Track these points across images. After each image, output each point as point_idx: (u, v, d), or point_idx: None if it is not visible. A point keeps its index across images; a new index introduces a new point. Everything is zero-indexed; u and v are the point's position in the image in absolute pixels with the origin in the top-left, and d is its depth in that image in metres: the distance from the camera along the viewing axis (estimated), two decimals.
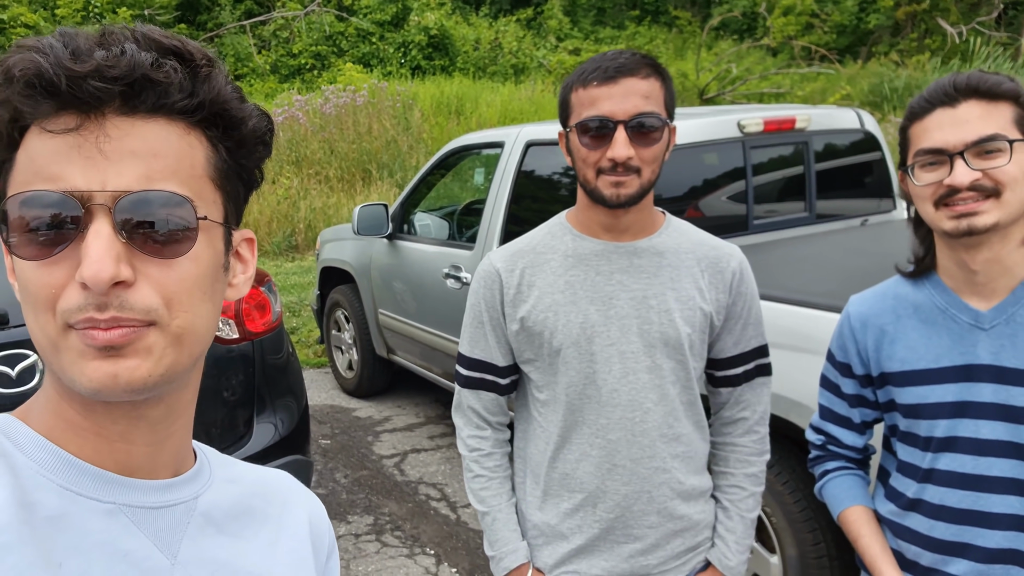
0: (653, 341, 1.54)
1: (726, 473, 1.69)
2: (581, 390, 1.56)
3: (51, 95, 0.61)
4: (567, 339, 1.54)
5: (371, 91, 12.71)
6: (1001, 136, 1.30)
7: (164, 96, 0.64)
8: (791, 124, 3.66)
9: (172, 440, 0.74)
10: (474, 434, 1.69)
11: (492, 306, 1.62)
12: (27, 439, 0.68)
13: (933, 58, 16.64)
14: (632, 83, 1.44)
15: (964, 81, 1.33)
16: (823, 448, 1.65)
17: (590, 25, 21.92)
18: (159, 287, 0.64)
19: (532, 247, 1.62)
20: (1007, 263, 1.38)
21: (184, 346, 0.67)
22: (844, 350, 1.57)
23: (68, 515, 0.65)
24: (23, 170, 0.63)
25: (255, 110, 0.71)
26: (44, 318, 0.63)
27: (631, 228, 1.56)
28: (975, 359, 1.40)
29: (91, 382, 0.62)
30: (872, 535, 1.53)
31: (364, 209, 4.80)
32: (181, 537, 0.73)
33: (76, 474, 0.67)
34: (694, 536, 1.65)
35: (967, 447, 1.41)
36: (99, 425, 0.68)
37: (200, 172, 0.67)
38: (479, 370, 1.66)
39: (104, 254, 0.60)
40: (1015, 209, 1.32)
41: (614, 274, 1.56)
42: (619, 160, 1.43)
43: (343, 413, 5.45)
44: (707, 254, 1.60)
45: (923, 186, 1.36)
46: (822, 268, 3.03)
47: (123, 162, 0.63)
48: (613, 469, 1.57)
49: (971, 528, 1.41)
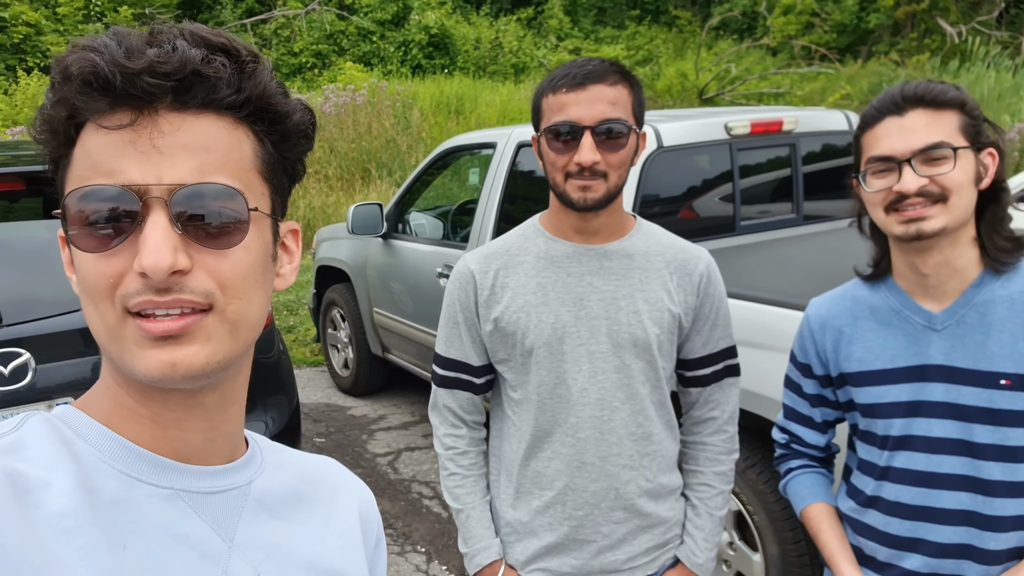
0: (622, 342, 1.58)
1: (695, 471, 1.74)
2: (552, 389, 1.60)
3: (106, 92, 0.64)
4: (539, 339, 1.58)
5: (371, 90, 12.75)
6: (946, 144, 1.35)
7: (213, 92, 0.66)
8: (778, 126, 3.70)
9: (226, 426, 0.76)
10: (450, 432, 1.73)
11: (466, 307, 1.66)
12: (87, 427, 0.70)
13: (933, 58, 16.64)
14: (600, 90, 1.48)
15: (911, 90, 1.37)
16: (787, 447, 1.70)
17: (590, 25, 21.94)
18: (214, 275, 0.66)
19: (506, 249, 1.66)
20: (957, 266, 1.42)
21: (239, 332, 0.69)
22: (804, 351, 1.61)
23: (129, 499, 0.68)
24: (80, 165, 0.66)
25: (299, 104, 0.74)
26: (103, 307, 0.65)
27: (601, 231, 1.61)
28: (928, 359, 1.45)
29: (150, 370, 0.65)
30: (831, 531, 1.58)
31: (359, 208, 4.84)
32: (237, 521, 0.75)
33: (135, 460, 0.70)
34: (663, 533, 1.69)
35: (920, 445, 1.45)
36: (155, 412, 0.71)
37: (248, 165, 0.70)
38: (454, 369, 1.71)
39: (162, 244, 0.63)
40: (961, 214, 1.37)
41: (585, 276, 1.60)
42: (585, 164, 1.47)
43: (338, 412, 5.50)
44: (675, 256, 1.65)
45: (874, 192, 1.41)
46: (807, 269, 3.07)
47: (176, 156, 0.65)
48: (582, 467, 1.61)
49: (923, 524, 1.46)
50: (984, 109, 13.01)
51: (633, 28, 21.74)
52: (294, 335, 7.21)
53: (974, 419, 1.41)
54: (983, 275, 1.43)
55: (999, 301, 1.41)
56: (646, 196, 3.39)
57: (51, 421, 0.70)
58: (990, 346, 1.40)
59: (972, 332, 1.42)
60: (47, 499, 0.63)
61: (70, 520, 0.63)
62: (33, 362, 2.51)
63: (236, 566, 0.73)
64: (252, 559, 0.75)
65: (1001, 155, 1.43)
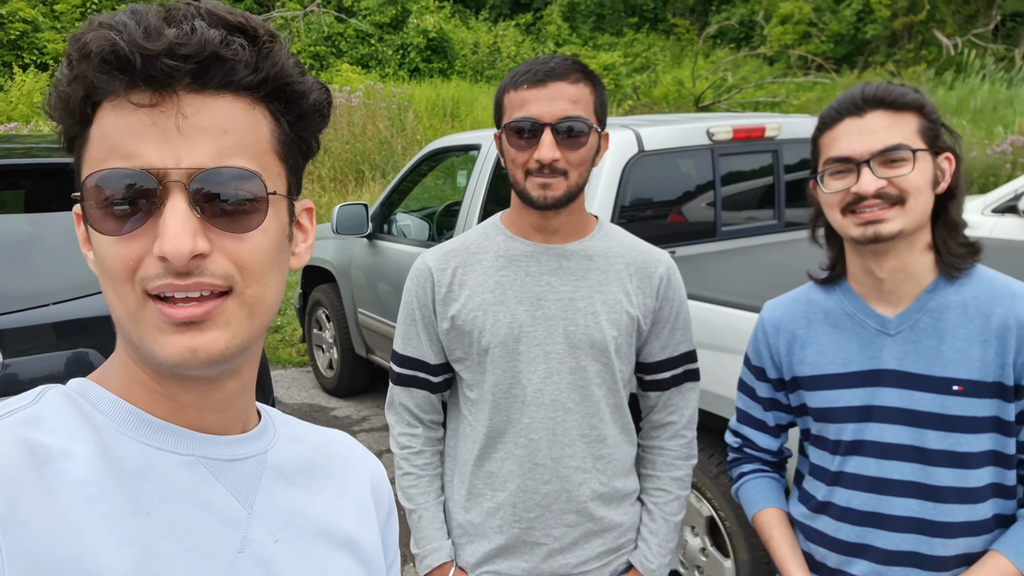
0: (578, 343, 1.57)
1: (652, 476, 1.72)
2: (507, 389, 1.59)
3: (125, 72, 0.63)
4: (495, 338, 1.57)
5: (367, 92, 12.75)
6: (905, 146, 1.34)
7: (231, 73, 0.66)
8: (760, 133, 3.70)
9: (241, 404, 0.77)
10: (405, 431, 1.71)
11: (424, 304, 1.64)
12: (104, 399, 0.71)
13: (928, 69, 16.70)
14: (561, 87, 1.47)
15: (871, 92, 1.37)
16: (740, 451, 1.69)
17: (589, 31, 21.96)
18: (233, 258, 0.67)
19: (466, 247, 1.64)
20: (912, 270, 1.42)
21: (257, 315, 0.70)
22: (758, 354, 1.60)
23: (151, 467, 0.68)
24: (98, 146, 0.66)
25: (315, 83, 0.73)
26: (123, 289, 0.66)
27: (561, 230, 1.59)
28: (881, 364, 1.44)
29: (170, 356, 0.65)
30: (782, 536, 1.56)
31: (344, 208, 4.83)
32: (256, 488, 0.76)
33: (153, 430, 0.70)
34: (616, 538, 1.68)
35: (872, 451, 1.44)
36: (172, 392, 0.72)
37: (266, 146, 0.70)
38: (411, 367, 1.69)
39: (182, 229, 0.63)
40: (918, 217, 1.36)
41: (543, 275, 1.58)
42: (545, 162, 1.46)
43: (321, 412, 5.49)
44: (636, 259, 1.63)
45: (831, 193, 1.40)
46: (784, 274, 3.06)
47: (195, 139, 0.65)
48: (534, 468, 1.59)
49: (872, 530, 1.45)
50: (978, 121, 13.08)
51: (631, 35, 21.77)
52: (281, 335, 7.20)
53: (926, 425, 1.40)
54: (937, 280, 1.43)
55: (953, 307, 1.41)
56: (625, 199, 3.39)
57: (68, 394, 0.70)
58: (943, 351, 1.40)
59: (926, 337, 1.41)
60: (69, 468, 0.64)
61: (94, 488, 0.64)
62: (1, 356, 2.50)
63: (256, 532, 0.74)
64: (271, 526, 0.76)
65: (958, 160, 1.43)
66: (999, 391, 1.37)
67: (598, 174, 3.33)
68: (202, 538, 0.69)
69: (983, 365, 1.38)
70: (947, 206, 1.43)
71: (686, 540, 2.96)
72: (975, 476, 1.39)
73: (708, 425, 2.70)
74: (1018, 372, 1.37)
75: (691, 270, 3.17)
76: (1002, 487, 1.42)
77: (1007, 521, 1.43)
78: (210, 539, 0.70)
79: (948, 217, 1.43)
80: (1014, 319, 1.37)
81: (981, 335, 1.38)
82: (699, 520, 2.91)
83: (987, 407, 1.38)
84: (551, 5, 21.90)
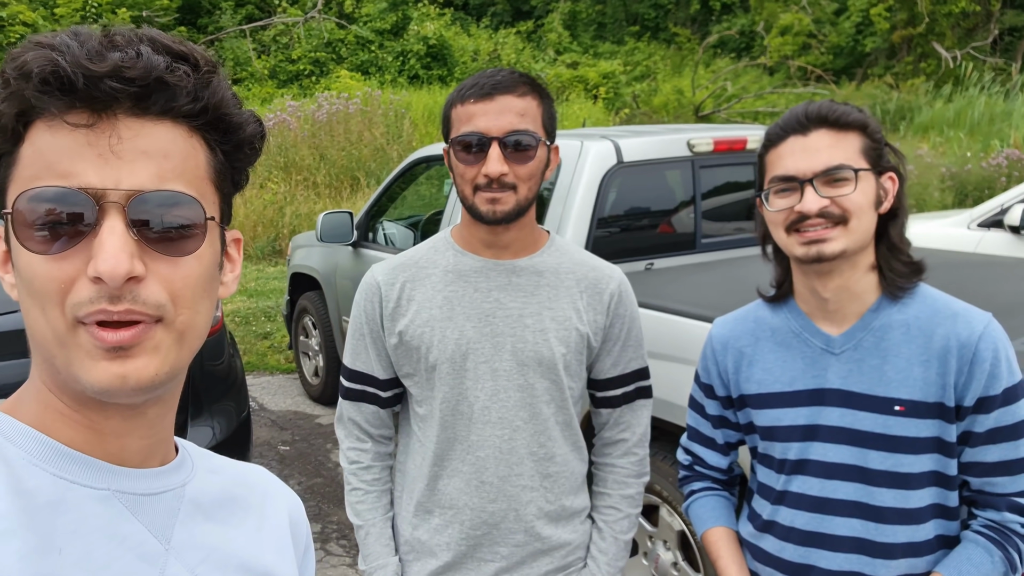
0: (526, 360, 1.55)
1: (603, 494, 1.70)
2: (454, 406, 1.57)
3: (65, 93, 0.63)
4: (443, 355, 1.55)
5: (364, 99, 12.78)
6: (847, 166, 1.34)
7: (172, 99, 0.66)
8: (742, 145, 3.69)
9: (163, 433, 0.75)
10: (354, 447, 1.68)
11: (372, 319, 1.62)
12: (15, 430, 0.68)
13: (927, 82, 16.71)
14: (508, 100, 1.46)
15: (815, 111, 1.36)
16: (690, 468, 1.68)
17: (590, 39, 22.02)
18: (167, 284, 0.66)
19: (415, 261, 1.63)
20: (856, 290, 1.41)
21: (186, 343, 0.69)
22: (707, 371, 1.59)
23: (65, 501, 0.66)
24: (31, 164, 0.64)
25: (251, 116, 0.74)
26: (52, 313, 0.64)
27: (511, 246, 1.58)
28: (825, 383, 1.43)
29: (99, 383, 0.64)
30: (730, 556, 1.55)
31: (328, 216, 4.83)
32: (173, 523, 0.74)
33: (67, 462, 0.68)
34: (564, 556, 1.65)
35: (816, 470, 1.43)
36: (90, 420, 0.70)
37: (203, 174, 0.70)
38: (360, 382, 1.66)
39: (119, 250, 0.62)
40: (861, 236, 1.36)
41: (492, 291, 1.56)
42: (493, 176, 1.45)
43: (306, 420, 5.47)
44: (587, 275, 1.61)
45: (776, 212, 1.39)
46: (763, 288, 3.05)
47: (136, 162, 0.64)
48: (481, 486, 1.57)
49: (815, 550, 1.44)
50: (975, 133, 13.08)
51: (632, 44, 21.82)
52: (270, 341, 7.18)
53: (869, 445, 1.39)
54: (881, 300, 1.42)
55: (896, 326, 1.40)
56: (603, 211, 3.38)
57: None
58: (886, 371, 1.39)
59: (869, 356, 1.40)
60: None
61: (3, 523, 0.62)
62: None
63: (173, 568, 0.72)
64: (189, 561, 0.74)
65: (901, 179, 1.42)
66: (940, 412, 1.36)
67: (576, 185, 3.32)
68: (118, 574, 0.68)
69: (925, 385, 1.37)
70: (890, 226, 1.42)
71: (658, 554, 2.94)
72: (916, 496, 1.38)
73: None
74: (959, 393, 1.36)
75: (668, 282, 3.16)
76: (944, 508, 1.41)
77: (949, 542, 1.41)
78: (126, 575, 0.68)
79: (891, 237, 1.42)
80: (955, 340, 1.36)
81: (923, 355, 1.38)
82: (671, 535, 2.89)
83: (929, 427, 1.37)
84: (552, 13, 21.96)
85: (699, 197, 3.61)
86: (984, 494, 1.39)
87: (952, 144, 12.67)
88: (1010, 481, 1.37)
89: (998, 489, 1.38)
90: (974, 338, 1.35)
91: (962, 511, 1.44)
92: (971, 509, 1.43)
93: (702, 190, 3.62)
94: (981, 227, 5.12)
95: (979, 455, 1.37)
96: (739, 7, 21.72)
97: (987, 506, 1.40)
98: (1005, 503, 1.37)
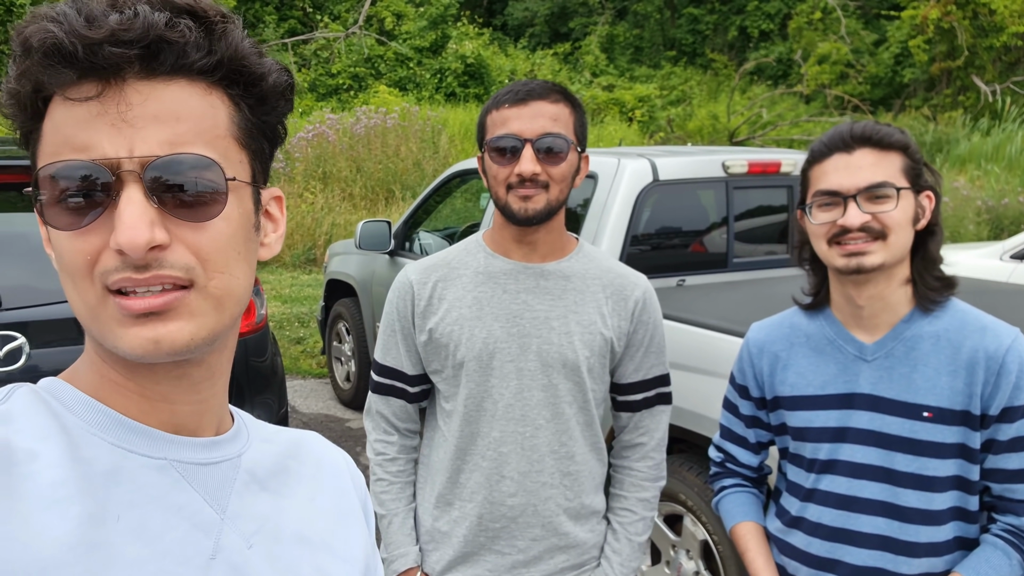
0: (551, 361, 1.61)
1: (620, 496, 1.75)
2: (479, 403, 1.63)
3: (70, 64, 0.61)
4: (470, 353, 1.61)
5: (402, 114, 12.99)
6: (890, 184, 1.41)
7: (182, 56, 0.64)
8: (776, 168, 3.75)
9: (214, 400, 0.75)
10: (381, 439, 1.74)
11: (404, 316, 1.68)
12: (75, 399, 0.69)
13: (965, 115, 16.62)
14: (541, 106, 1.54)
15: (860, 130, 1.44)
16: (722, 465, 1.75)
17: (626, 63, 22.17)
18: (193, 248, 0.65)
19: (447, 262, 1.69)
20: (890, 301, 1.48)
21: (225, 307, 0.68)
22: (743, 373, 1.67)
23: (122, 470, 0.66)
24: (50, 140, 0.64)
25: (275, 65, 0.71)
26: (82, 285, 0.64)
27: (541, 250, 1.64)
28: (856, 388, 1.50)
29: (133, 348, 0.64)
30: (757, 550, 1.62)
31: (367, 225, 4.95)
32: (229, 493, 0.74)
33: (125, 432, 0.68)
34: (580, 555, 1.71)
35: (844, 470, 1.50)
36: (142, 386, 0.70)
37: (224, 132, 0.67)
38: (389, 377, 1.73)
39: (138, 220, 0.61)
40: (899, 251, 1.43)
41: (520, 293, 1.63)
42: (526, 175, 1.51)
43: (336, 423, 5.58)
44: (613, 281, 1.67)
45: (818, 225, 1.46)
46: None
47: (147, 128, 0.63)
48: (502, 480, 1.63)
49: (842, 546, 1.51)
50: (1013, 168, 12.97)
51: (668, 68, 21.93)
52: (303, 346, 7.32)
53: (895, 448, 1.46)
54: (913, 312, 1.49)
55: (926, 337, 1.47)
56: (638, 228, 3.46)
57: (38, 393, 0.68)
58: (915, 379, 1.46)
59: (899, 365, 1.47)
60: (37, 470, 0.62)
61: (62, 491, 0.62)
62: (28, 347, 2.62)
63: (228, 538, 0.72)
64: (244, 531, 0.73)
65: (937, 198, 1.49)
66: (966, 419, 1.43)
67: (612, 201, 3.40)
68: (173, 543, 0.67)
69: (952, 394, 1.43)
70: (926, 242, 1.50)
71: (680, 563, 3.00)
72: (939, 499, 1.45)
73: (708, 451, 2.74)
74: (984, 402, 1.42)
75: (699, 298, 3.23)
76: (964, 511, 1.47)
77: (967, 544, 1.47)
78: (182, 545, 0.68)
79: (926, 252, 1.49)
80: (983, 352, 1.42)
81: (951, 365, 1.44)
82: (694, 544, 2.94)
83: (954, 434, 1.43)
84: (590, 36, 22.16)
85: (732, 218, 3.68)
86: (1004, 500, 1.45)
87: (989, 178, 12.60)
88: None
89: (1018, 495, 1.44)
90: (1001, 351, 1.41)
91: (981, 515, 1.50)
92: (991, 513, 1.49)
93: (735, 211, 3.69)
94: (1014, 259, 5.13)
95: (1001, 462, 1.44)
96: (777, 35, 21.78)
97: (1007, 511, 1.45)
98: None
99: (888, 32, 19.74)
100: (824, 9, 20.37)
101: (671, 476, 2.92)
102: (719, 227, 3.70)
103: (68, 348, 2.71)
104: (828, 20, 20.31)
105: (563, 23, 23.33)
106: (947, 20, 17.37)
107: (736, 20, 22.59)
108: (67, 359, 2.71)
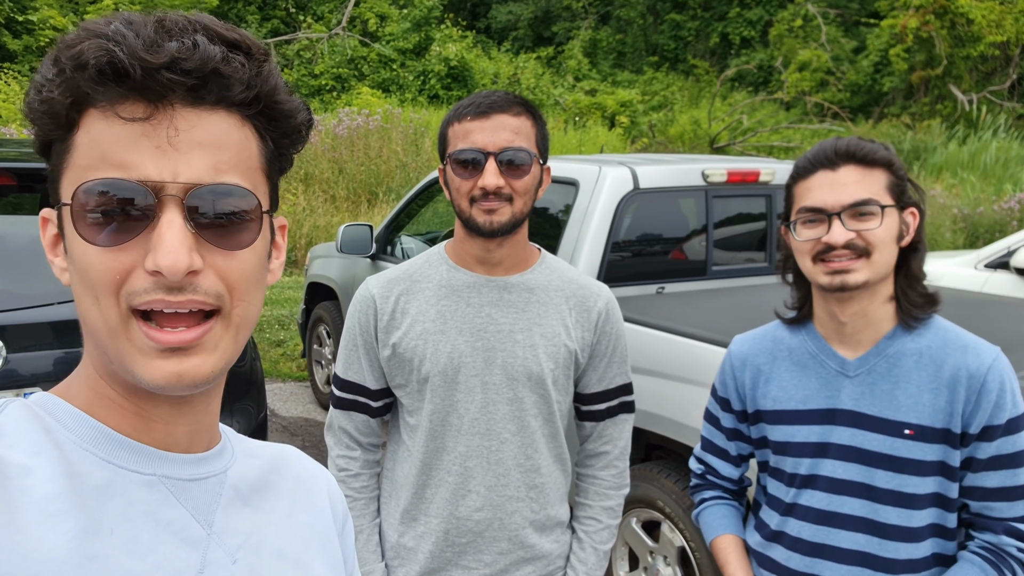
0: (516, 375, 1.60)
1: (584, 504, 1.76)
2: (444, 417, 1.61)
3: (121, 83, 0.62)
4: (435, 367, 1.59)
5: (384, 116, 12.96)
6: (874, 201, 1.41)
7: (227, 89, 0.66)
8: (755, 177, 3.79)
9: (208, 419, 0.76)
10: (344, 454, 1.72)
11: (366, 330, 1.66)
12: (67, 415, 0.69)
13: (943, 123, 16.82)
14: (503, 119, 1.53)
15: (844, 147, 1.44)
16: (702, 477, 1.76)
17: (609, 68, 22.26)
18: (223, 276, 0.66)
19: (409, 275, 1.67)
20: (873, 318, 1.49)
21: (240, 335, 0.70)
22: (725, 386, 1.67)
23: (114, 485, 0.67)
24: (86, 154, 0.64)
25: (301, 104, 0.74)
26: (106, 303, 0.64)
27: (504, 262, 1.63)
28: (838, 404, 1.51)
29: (155, 380, 0.64)
30: (737, 563, 1.63)
31: (349, 228, 4.94)
32: (215, 508, 0.75)
33: (116, 447, 0.69)
34: (546, 566, 1.70)
35: (825, 485, 1.51)
36: (140, 407, 0.70)
37: (255, 164, 0.70)
38: (352, 392, 1.70)
39: (179, 244, 0.62)
40: (883, 269, 1.44)
41: (484, 307, 1.62)
42: (489, 188, 1.50)
43: (316, 427, 5.56)
44: (575, 292, 1.67)
45: (803, 241, 1.47)
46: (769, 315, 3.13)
47: (192, 153, 0.64)
48: (467, 495, 1.62)
49: (821, 561, 1.51)
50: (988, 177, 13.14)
51: (651, 74, 22.04)
52: (283, 349, 7.29)
53: (876, 464, 1.47)
54: (896, 328, 1.49)
55: (909, 354, 1.47)
56: (618, 235, 3.48)
57: (30, 408, 0.69)
58: (897, 396, 1.46)
59: (881, 381, 1.48)
60: (31, 485, 0.63)
61: (56, 505, 0.63)
62: (4, 351, 2.60)
63: (214, 552, 0.73)
64: (229, 546, 0.75)
65: (921, 215, 1.50)
66: (946, 437, 1.44)
67: (592, 208, 3.42)
68: (163, 558, 0.68)
69: (933, 412, 1.44)
70: (909, 258, 1.50)
71: (658, 569, 3.02)
72: (919, 516, 1.45)
73: (686, 458, 2.76)
74: (965, 421, 1.43)
75: (679, 306, 3.25)
76: (942, 528, 1.48)
77: (945, 560, 1.49)
78: (171, 559, 0.69)
79: (910, 269, 1.50)
80: (964, 370, 1.43)
81: (933, 383, 1.45)
82: (671, 551, 2.96)
83: (934, 452, 1.44)
84: (573, 40, 22.22)
85: (711, 226, 3.71)
86: (982, 517, 1.46)
87: (965, 186, 12.75)
88: (1008, 507, 1.43)
89: (996, 514, 1.44)
90: (983, 370, 1.42)
91: (959, 532, 1.51)
92: (968, 531, 1.50)
93: (715, 219, 3.72)
94: (988, 267, 5.21)
95: (980, 480, 1.44)
96: (758, 42, 21.95)
97: (985, 529, 1.46)
98: (1002, 527, 1.44)
99: (867, 40, 19.94)
100: (805, 16, 20.55)
101: (649, 483, 2.94)
102: (699, 235, 3.72)
103: (45, 353, 2.69)
104: (808, 27, 20.50)
105: (546, 27, 23.40)
106: (925, 29, 17.57)
107: (718, 27, 22.74)
108: (44, 364, 2.69)
